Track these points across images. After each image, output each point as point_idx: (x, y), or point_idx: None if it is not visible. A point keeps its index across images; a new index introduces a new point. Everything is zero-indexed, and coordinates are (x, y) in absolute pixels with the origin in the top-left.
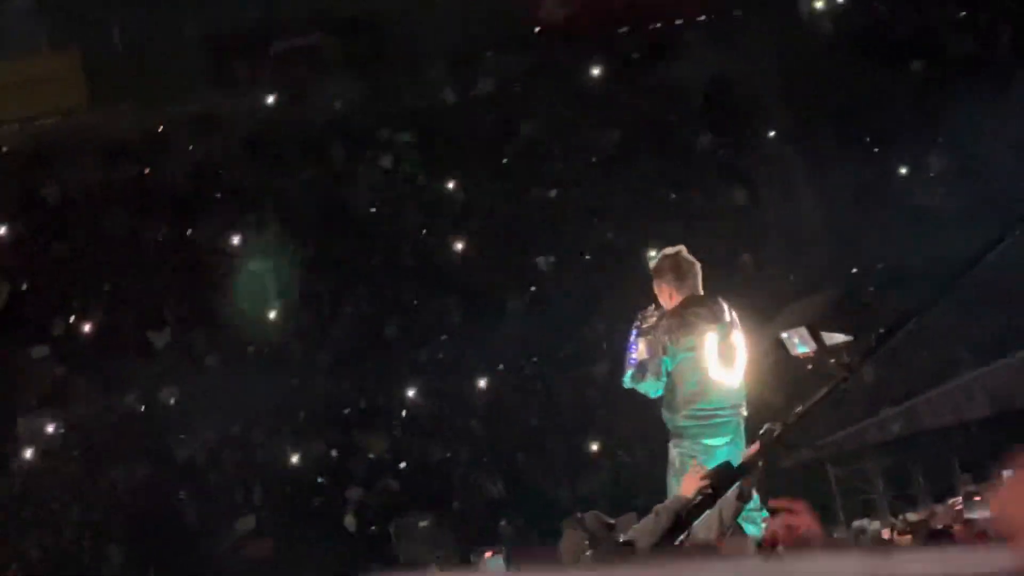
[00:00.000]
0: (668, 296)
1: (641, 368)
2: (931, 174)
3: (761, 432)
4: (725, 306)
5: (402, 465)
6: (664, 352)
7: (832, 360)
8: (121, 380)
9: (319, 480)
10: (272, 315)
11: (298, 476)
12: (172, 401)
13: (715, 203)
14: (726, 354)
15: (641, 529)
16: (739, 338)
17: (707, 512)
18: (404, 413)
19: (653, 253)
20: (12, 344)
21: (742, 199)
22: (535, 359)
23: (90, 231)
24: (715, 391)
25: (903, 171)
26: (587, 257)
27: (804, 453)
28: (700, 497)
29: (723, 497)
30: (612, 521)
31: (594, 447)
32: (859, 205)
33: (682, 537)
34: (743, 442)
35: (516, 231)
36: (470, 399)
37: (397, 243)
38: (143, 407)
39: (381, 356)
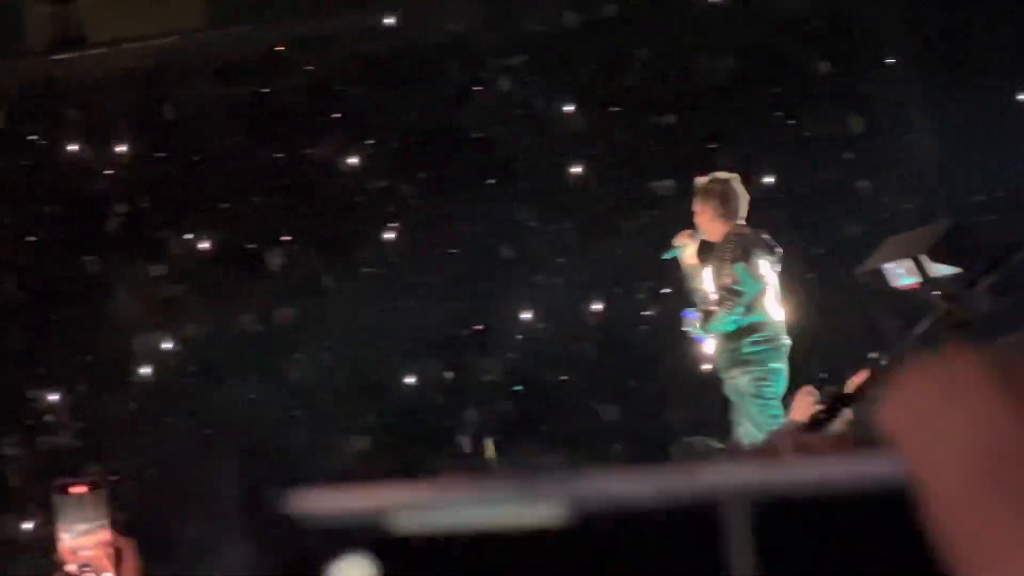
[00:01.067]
0: (709, 220)
1: (709, 313)
2: None
3: (868, 360)
4: (768, 236)
5: (517, 388)
6: (738, 280)
7: (936, 292)
8: (237, 299)
9: (436, 401)
10: (387, 236)
11: (413, 397)
12: (287, 321)
13: (831, 130)
14: (778, 283)
15: None
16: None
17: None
18: (519, 336)
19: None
20: (130, 263)
21: (859, 126)
22: (650, 283)
23: (208, 150)
24: (776, 317)
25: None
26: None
27: None
28: (813, 421)
29: (831, 425)
30: (722, 447)
31: (705, 370)
32: (979, 132)
33: None
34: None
35: (632, 156)
36: (584, 323)
37: (513, 166)
38: (258, 326)
39: (497, 278)
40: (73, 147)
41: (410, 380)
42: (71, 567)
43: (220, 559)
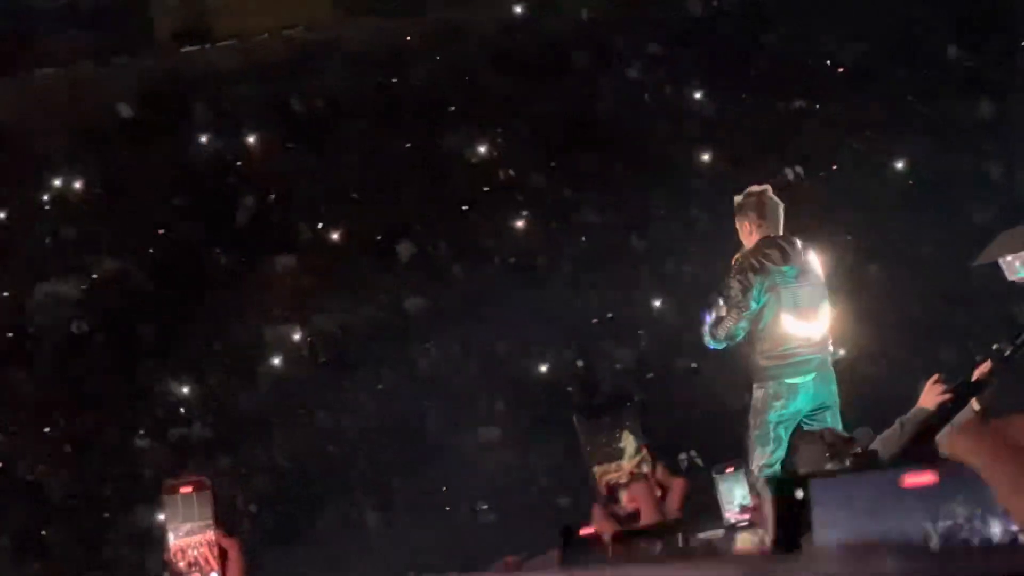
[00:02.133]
0: (748, 234)
1: (719, 320)
2: None
3: (992, 350)
4: (799, 246)
5: (649, 375)
6: (746, 293)
7: None
8: (367, 290)
9: (567, 389)
10: (519, 224)
11: (544, 386)
12: (418, 311)
13: (965, 116)
14: (798, 296)
15: (885, 440)
16: (818, 272)
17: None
18: (650, 324)
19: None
20: (260, 253)
21: (992, 112)
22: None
23: (337, 142)
24: (790, 333)
25: None
26: (835, 167)
27: None
28: (942, 409)
29: (959, 413)
30: (850, 436)
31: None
32: None
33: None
34: (831, 371)
35: (763, 142)
36: None
37: (644, 153)
38: (389, 316)
39: (627, 267)
40: (202, 140)
41: (542, 369)
42: (180, 566)
43: (350, 550)
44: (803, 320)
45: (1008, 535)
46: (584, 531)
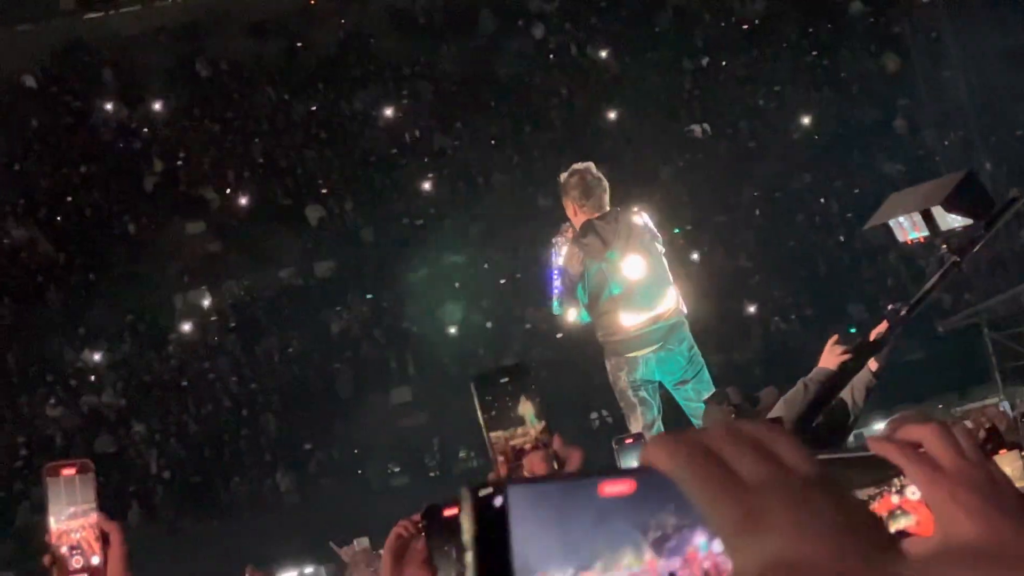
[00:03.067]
0: (573, 213)
1: (567, 294)
2: None
3: (888, 310)
4: (622, 221)
5: (558, 336)
6: (578, 276)
7: (944, 246)
8: (276, 254)
9: (479, 351)
10: (426, 186)
11: (455, 348)
12: (327, 274)
13: (866, 69)
14: (630, 270)
15: (789, 400)
16: (643, 243)
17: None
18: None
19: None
20: (168, 220)
21: (893, 65)
22: (689, 227)
23: (243, 106)
24: (626, 309)
25: None
26: (741, 124)
27: (958, 318)
28: (843, 369)
29: (857, 376)
30: (756, 395)
31: (751, 310)
32: (1013, 70)
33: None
34: (680, 343)
35: (668, 100)
36: None
37: (550, 113)
38: (298, 280)
39: (534, 227)
40: (108, 107)
41: (452, 330)
42: (61, 549)
43: (264, 513)
44: (635, 301)
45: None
46: (448, 512)
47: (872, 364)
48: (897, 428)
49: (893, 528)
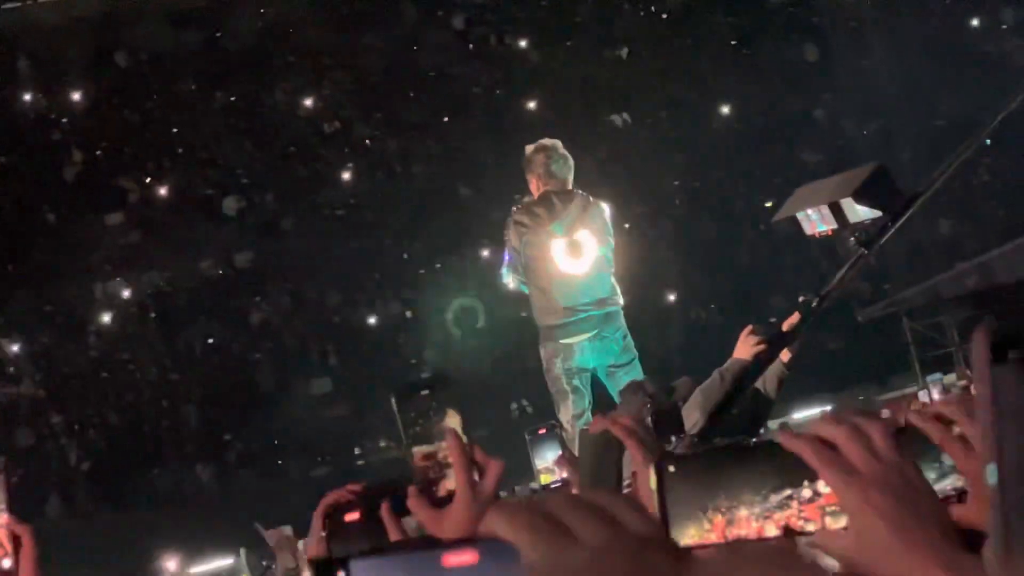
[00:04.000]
0: (536, 189)
1: (512, 265)
2: (1005, 26)
3: (799, 301)
4: (579, 200)
5: (478, 325)
6: (517, 252)
7: (852, 238)
8: (195, 244)
9: (397, 341)
10: (346, 176)
11: (374, 338)
12: (247, 265)
13: (787, 58)
14: (572, 250)
15: (706, 390)
16: (593, 229)
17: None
18: (479, 273)
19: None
20: (87, 210)
21: (814, 54)
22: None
23: (163, 97)
24: (564, 290)
25: (975, 23)
26: (661, 114)
27: (878, 308)
28: (757, 360)
29: (769, 367)
30: (673, 384)
31: (671, 299)
32: (933, 59)
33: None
34: (615, 331)
35: (588, 90)
36: None
37: (469, 103)
38: (218, 271)
39: (454, 217)
40: (26, 97)
41: (371, 321)
42: None
43: (183, 505)
44: (572, 280)
45: None
46: (349, 516)
47: (784, 355)
48: (812, 426)
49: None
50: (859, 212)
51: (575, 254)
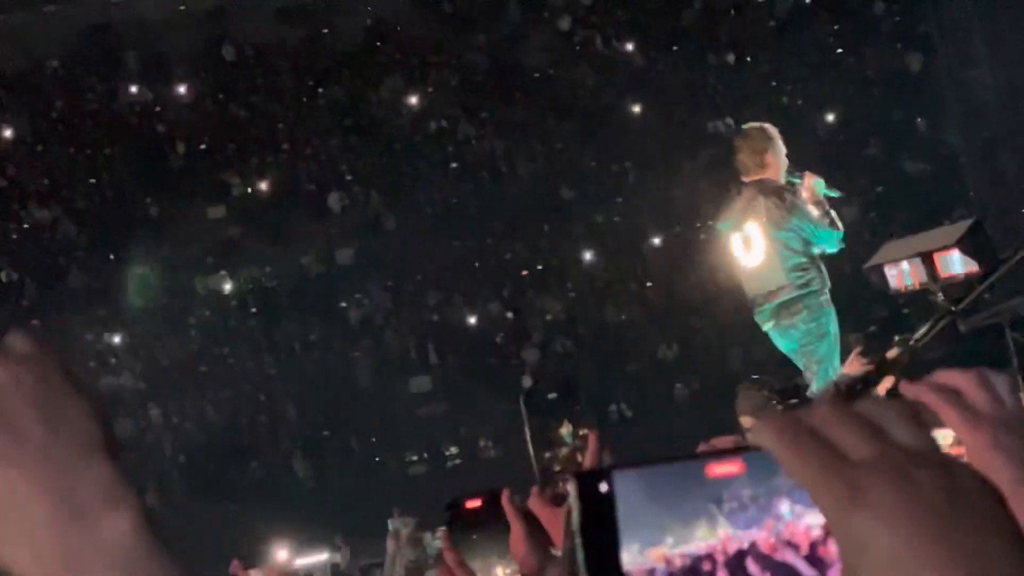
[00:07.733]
0: (768, 166)
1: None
2: None
3: (897, 340)
4: (751, 194)
5: (579, 328)
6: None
7: (940, 296)
8: (297, 240)
9: (496, 340)
10: (449, 175)
11: (474, 337)
12: (348, 262)
13: (891, 68)
14: (746, 244)
15: (822, 395)
16: (759, 223)
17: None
18: (580, 276)
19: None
20: (191, 203)
21: (917, 65)
22: (711, 222)
23: (268, 92)
24: (745, 283)
25: None
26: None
27: (980, 317)
28: (864, 379)
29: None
30: (797, 381)
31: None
32: None
33: None
34: (799, 320)
35: (692, 95)
36: (645, 262)
37: (574, 105)
38: (319, 266)
39: (557, 218)
40: (132, 90)
41: (472, 320)
42: None
43: (278, 499)
44: (750, 271)
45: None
46: (470, 504)
47: (887, 383)
48: (935, 375)
49: None
50: (953, 265)
51: (750, 246)
